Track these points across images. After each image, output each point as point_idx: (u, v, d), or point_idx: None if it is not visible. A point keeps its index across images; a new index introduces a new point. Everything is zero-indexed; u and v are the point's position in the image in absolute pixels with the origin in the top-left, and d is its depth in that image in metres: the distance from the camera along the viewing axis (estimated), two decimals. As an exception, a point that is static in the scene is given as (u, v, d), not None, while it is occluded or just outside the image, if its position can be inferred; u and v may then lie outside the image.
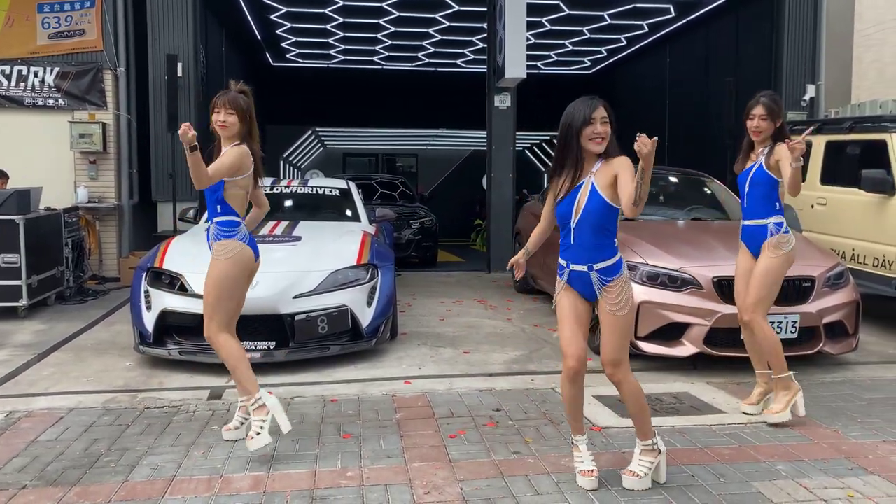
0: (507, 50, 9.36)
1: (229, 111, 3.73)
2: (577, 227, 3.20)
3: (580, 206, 3.18)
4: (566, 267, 3.28)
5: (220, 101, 3.74)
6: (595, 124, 3.15)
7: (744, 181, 4.24)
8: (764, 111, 4.10)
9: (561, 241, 3.30)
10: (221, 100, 3.74)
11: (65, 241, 7.77)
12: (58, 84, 9.15)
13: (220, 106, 3.74)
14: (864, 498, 3.22)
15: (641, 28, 15.02)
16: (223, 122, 3.73)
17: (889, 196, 6.31)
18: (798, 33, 10.39)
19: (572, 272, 3.26)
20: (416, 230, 11.15)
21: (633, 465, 3.35)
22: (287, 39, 16.19)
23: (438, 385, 4.91)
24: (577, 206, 3.18)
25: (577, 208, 3.18)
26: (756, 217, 4.18)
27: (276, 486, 3.33)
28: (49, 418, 4.22)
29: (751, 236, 4.23)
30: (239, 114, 3.75)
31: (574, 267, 3.24)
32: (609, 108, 3.20)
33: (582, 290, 3.27)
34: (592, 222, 3.18)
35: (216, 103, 3.76)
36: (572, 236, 3.23)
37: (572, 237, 3.23)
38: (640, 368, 5.29)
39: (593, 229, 3.18)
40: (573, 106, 3.23)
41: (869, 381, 5.05)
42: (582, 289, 3.27)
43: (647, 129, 2.63)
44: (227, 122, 3.73)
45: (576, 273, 3.25)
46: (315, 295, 5.29)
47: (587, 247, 3.20)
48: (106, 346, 5.93)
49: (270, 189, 7.70)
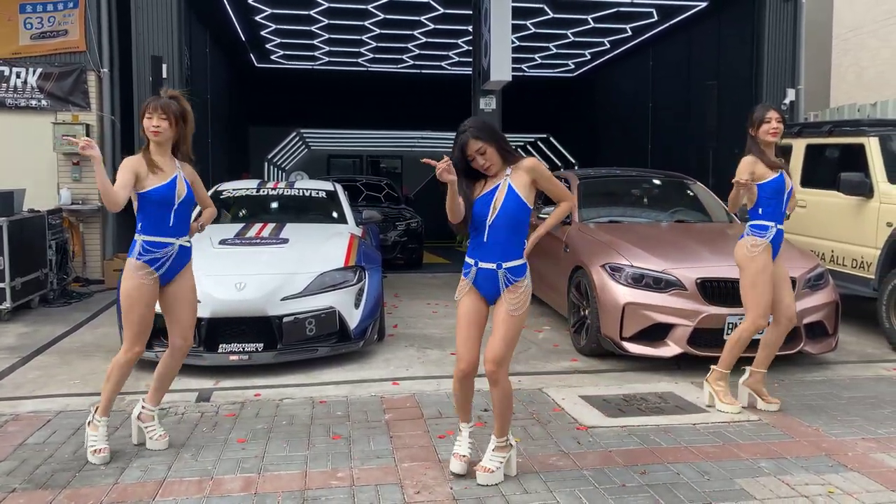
0: (493, 53, 9.41)
1: (162, 116, 3.68)
2: (492, 226, 3.30)
3: (496, 206, 3.29)
4: (473, 266, 3.35)
5: (152, 105, 3.69)
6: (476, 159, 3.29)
7: (782, 185, 4.36)
8: (778, 115, 4.35)
9: (471, 241, 3.39)
10: (153, 104, 3.69)
11: (48, 243, 7.72)
12: (40, 85, 9.08)
13: (152, 111, 3.68)
14: (845, 494, 3.30)
15: (624, 32, 15.16)
16: (156, 127, 3.68)
17: (867, 199, 6.44)
18: (778, 38, 10.55)
19: (480, 270, 3.33)
20: (401, 232, 11.17)
21: (486, 461, 3.44)
22: (272, 40, 16.15)
23: (426, 386, 4.95)
24: (494, 206, 3.29)
25: (493, 208, 3.29)
26: (782, 223, 4.40)
27: (267, 488, 3.35)
28: (36, 421, 4.21)
29: (779, 240, 4.40)
30: (171, 119, 3.71)
31: (482, 265, 3.32)
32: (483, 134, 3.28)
33: (486, 289, 3.35)
34: (508, 222, 3.30)
35: (147, 108, 3.70)
36: (486, 234, 3.31)
37: (486, 235, 3.31)
38: (625, 368, 5.37)
39: (508, 229, 3.30)
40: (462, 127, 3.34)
41: (848, 380, 5.15)
42: (486, 288, 3.35)
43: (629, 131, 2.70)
44: (159, 127, 3.68)
45: (483, 271, 3.33)
46: (303, 297, 5.31)
47: (500, 245, 3.31)
48: (92, 349, 5.90)
49: (257, 191, 7.71)
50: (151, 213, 3.69)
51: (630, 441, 3.93)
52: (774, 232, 4.33)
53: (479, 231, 3.33)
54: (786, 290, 4.44)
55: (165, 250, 3.71)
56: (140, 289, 3.65)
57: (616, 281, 5.38)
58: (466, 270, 3.38)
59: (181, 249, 3.78)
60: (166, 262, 3.71)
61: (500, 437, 3.45)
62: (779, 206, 4.35)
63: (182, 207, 3.76)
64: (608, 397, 4.68)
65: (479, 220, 3.32)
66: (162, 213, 3.70)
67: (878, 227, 6.30)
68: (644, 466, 3.59)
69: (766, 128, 4.34)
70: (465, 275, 3.39)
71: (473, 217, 3.33)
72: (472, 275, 3.35)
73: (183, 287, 3.82)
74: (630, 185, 7.71)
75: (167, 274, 3.75)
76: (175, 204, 3.72)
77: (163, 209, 3.70)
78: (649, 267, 5.36)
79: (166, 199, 3.69)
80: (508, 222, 3.30)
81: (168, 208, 3.70)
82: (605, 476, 3.47)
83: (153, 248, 3.69)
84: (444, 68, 18.69)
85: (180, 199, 3.74)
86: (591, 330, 5.57)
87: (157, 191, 3.68)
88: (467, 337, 3.35)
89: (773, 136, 4.35)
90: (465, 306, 3.37)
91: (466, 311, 3.36)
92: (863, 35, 20.13)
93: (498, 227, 3.30)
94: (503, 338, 3.32)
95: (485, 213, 3.30)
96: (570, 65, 19.20)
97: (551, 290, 6.76)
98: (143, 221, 3.70)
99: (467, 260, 3.39)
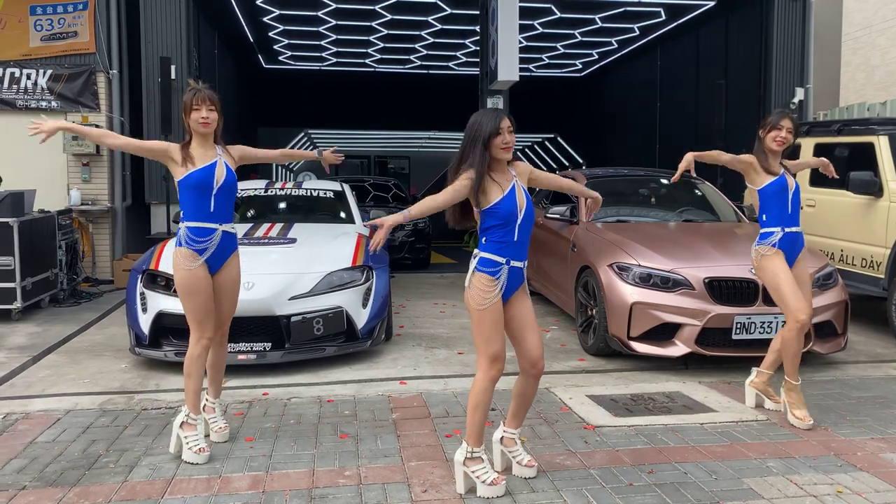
0: (500, 53, 9.41)
1: (210, 107, 3.69)
2: (521, 225, 3.30)
3: (522, 205, 3.30)
4: (504, 265, 3.27)
5: (199, 97, 3.68)
6: (503, 134, 3.28)
7: (784, 187, 4.29)
8: (791, 126, 4.28)
9: (496, 239, 3.28)
10: (200, 97, 3.68)
11: (58, 243, 7.76)
12: (50, 86, 9.15)
13: (200, 102, 3.67)
14: (853, 493, 3.29)
15: (632, 31, 15.13)
16: (205, 118, 3.68)
17: (876, 198, 6.41)
18: (787, 37, 10.51)
19: (512, 268, 3.30)
20: (409, 232, 11.17)
21: (522, 455, 3.48)
22: (280, 42, 16.20)
23: (434, 385, 4.95)
24: (520, 205, 3.29)
25: (520, 207, 3.29)
26: (797, 225, 4.31)
27: (274, 486, 3.36)
28: (46, 420, 4.24)
29: (794, 242, 4.29)
30: (217, 108, 3.73)
31: (515, 263, 3.31)
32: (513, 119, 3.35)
33: (508, 287, 3.32)
34: (530, 220, 3.34)
35: (194, 100, 3.68)
36: (516, 233, 3.30)
37: (516, 234, 3.30)
38: (632, 368, 5.36)
39: (529, 227, 3.35)
40: (480, 116, 3.32)
41: (857, 379, 5.13)
42: (509, 286, 3.32)
43: (637, 130, 2.70)
44: (208, 118, 3.69)
45: (514, 269, 3.31)
46: (310, 296, 5.32)
47: (524, 244, 3.35)
48: (101, 349, 5.94)
49: (265, 192, 7.74)
50: (191, 200, 3.69)
51: (638, 440, 3.92)
52: (780, 236, 4.22)
53: (508, 229, 3.28)
54: (804, 293, 4.29)
55: (210, 237, 3.70)
56: (191, 278, 3.67)
57: (624, 280, 5.37)
58: (496, 269, 3.25)
59: (225, 236, 3.76)
60: (211, 248, 3.71)
61: (518, 428, 3.51)
62: (783, 208, 4.24)
63: (222, 192, 3.72)
64: (616, 397, 4.67)
65: (509, 217, 3.27)
66: (201, 198, 3.68)
67: (887, 227, 6.27)
68: (652, 466, 3.58)
69: (774, 134, 4.26)
70: (494, 275, 3.25)
71: (503, 214, 3.26)
72: (505, 274, 3.27)
73: (226, 278, 3.82)
74: (638, 185, 7.69)
75: (213, 261, 3.75)
76: (214, 188, 3.69)
77: (202, 195, 3.68)
78: (657, 266, 5.35)
79: (204, 183, 3.67)
80: (530, 221, 3.33)
81: (207, 193, 3.68)
82: (612, 475, 3.47)
83: (197, 234, 3.68)
84: (452, 68, 18.71)
85: (219, 183, 3.70)
86: (598, 329, 5.56)
87: (193, 175, 3.66)
88: (502, 337, 3.27)
89: (779, 146, 4.27)
90: (497, 308, 3.27)
91: (497, 311, 3.26)
92: (872, 34, 20.01)
93: (524, 226, 3.31)
94: (538, 331, 3.39)
95: (515, 212, 3.26)
96: (578, 64, 19.18)
97: (558, 289, 6.76)
98: (185, 208, 3.73)
99: (495, 258, 3.25)
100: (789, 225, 4.26)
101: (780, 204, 4.25)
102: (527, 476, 3.43)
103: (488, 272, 3.25)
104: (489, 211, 3.26)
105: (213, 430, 3.92)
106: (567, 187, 3.79)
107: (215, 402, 4.00)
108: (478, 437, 3.30)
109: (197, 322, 3.69)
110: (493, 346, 3.23)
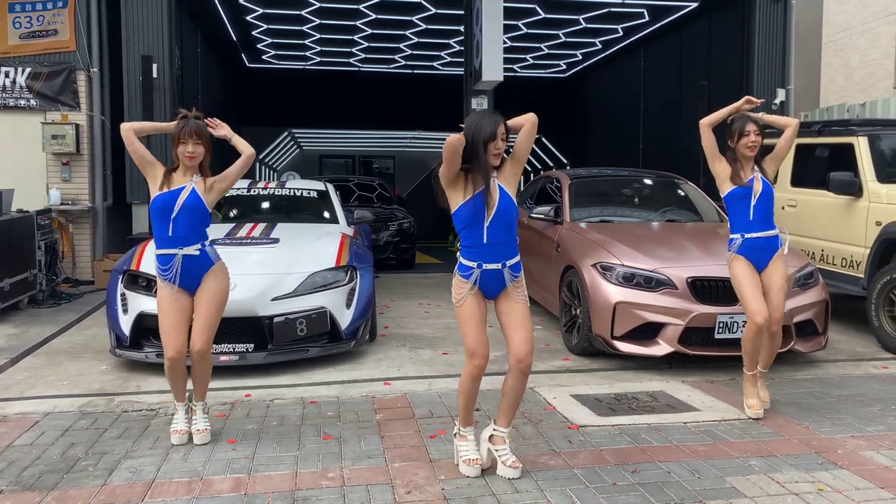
0: (484, 53, 9.41)
1: (197, 142, 3.73)
2: (490, 227, 3.32)
3: (492, 207, 3.30)
4: (476, 268, 3.35)
5: (186, 132, 3.70)
6: (497, 140, 3.30)
7: (749, 194, 4.32)
8: (757, 127, 4.33)
9: (467, 242, 3.36)
10: (187, 131, 3.71)
11: (37, 243, 7.66)
12: (30, 84, 9.02)
13: (187, 137, 3.71)
14: (834, 491, 3.31)
15: (616, 32, 15.19)
16: (191, 153, 3.73)
17: (856, 198, 6.47)
18: (768, 38, 10.60)
19: (484, 272, 3.35)
20: (393, 232, 11.16)
21: (507, 455, 3.49)
22: (263, 41, 16.09)
23: (418, 386, 4.94)
24: (490, 207, 3.30)
25: (489, 208, 3.30)
26: (768, 229, 4.33)
27: (257, 488, 3.33)
28: (24, 423, 4.17)
29: (761, 248, 4.32)
30: (205, 143, 3.77)
31: (487, 266, 3.35)
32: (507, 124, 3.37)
33: (489, 287, 3.38)
34: (505, 221, 3.34)
35: (182, 134, 3.70)
36: (485, 236, 3.32)
37: (485, 237, 3.32)
38: (616, 368, 5.38)
39: (505, 228, 3.35)
40: (478, 118, 3.34)
41: (838, 378, 5.18)
42: (489, 287, 3.38)
43: (621, 131, 2.71)
44: (194, 153, 3.74)
45: (487, 272, 3.35)
46: (293, 297, 5.29)
47: (500, 245, 3.35)
48: (81, 350, 5.86)
49: (248, 191, 7.68)
50: (156, 223, 3.77)
51: (621, 440, 3.94)
52: (741, 242, 4.31)
53: (476, 232, 3.33)
54: (773, 296, 4.32)
55: (170, 263, 3.75)
56: (165, 302, 3.77)
57: (607, 280, 5.39)
58: (467, 273, 3.36)
59: (188, 260, 3.77)
60: (176, 274, 3.75)
61: (507, 427, 3.53)
62: (744, 215, 4.31)
63: (183, 215, 3.74)
64: (599, 396, 4.68)
65: (475, 220, 3.31)
66: (162, 221, 3.75)
67: (867, 227, 6.34)
68: (635, 465, 3.59)
69: (745, 141, 4.32)
70: (465, 277, 3.36)
71: (468, 218, 3.32)
72: (476, 277, 3.35)
73: (204, 291, 3.84)
74: (621, 185, 7.72)
75: (186, 283, 3.79)
76: (174, 212, 3.72)
77: (163, 218, 3.75)
78: (640, 266, 5.37)
79: (165, 205, 3.74)
80: (505, 222, 3.34)
81: (167, 216, 3.74)
82: (596, 475, 3.47)
83: (161, 262, 3.78)
84: (436, 68, 18.68)
85: (178, 207, 3.73)
86: (582, 329, 5.57)
87: (158, 198, 3.75)
88: (480, 333, 3.36)
89: (752, 151, 4.33)
90: (471, 305, 3.36)
91: (473, 310, 3.36)
92: (852, 36, 20.25)
93: (496, 227, 3.32)
94: (529, 329, 3.42)
95: (481, 214, 3.30)
96: (562, 65, 19.23)
97: (543, 289, 6.77)
98: (154, 235, 3.81)
99: (466, 262, 3.36)
100: (750, 231, 4.31)
101: (742, 211, 4.34)
102: (510, 476, 3.43)
103: (461, 275, 3.40)
104: (454, 214, 3.36)
105: (193, 431, 3.91)
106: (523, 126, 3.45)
107: (198, 405, 3.99)
108: (463, 418, 3.51)
109: (162, 336, 3.81)
110: (467, 340, 3.37)
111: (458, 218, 3.35)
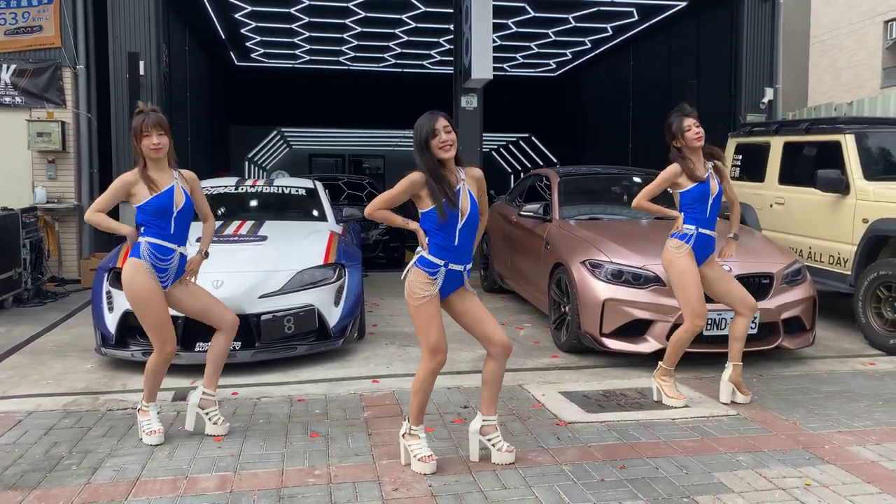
0: (474, 51, 9.40)
1: (160, 133, 3.70)
2: (462, 230, 3.38)
3: (465, 211, 3.36)
4: (442, 266, 3.38)
5: (148, 123, 3.67)
6: (440, 134, 3.34)
7: (706, 193, 4.39)
8: (695, 116, 4.42)
9: (437, 241, 3.38)
10: (149, 122, 3.67)
11: (22, 242, 7.59)
12: (14, 82, 8.93)
13: (150, 128, 3.67)
14: (821, 486, 3.32)
15: (605, 31, 15.24)
16: (156, 144, 3.69)
17: (843, 195, 6.50)
18: (756, 38, 10.65)
19: (449, 271, 3.40)
20: (383, 231, 11.12)
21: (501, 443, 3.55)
22: (252, 39, 16.03)
23: (406, 384, 4.90)
24: (462, 210, 3.36)
25: (462, 211, 3.36)
26: (713, 228, 4.43)
27: (242, 486, 3.30)
28: (7, 421, 4.12)
29: (708, 245, 4.43)
30: (167, 133, 3.74)
31: (453, 266, 3.40)
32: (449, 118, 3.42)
33: (446, 287, 3.43)
34: (472, 225, 3.42)
35: (144, 126, 3.67)
36: (457, 238, 3.38)
37: (457, 239, 3.38)
38: (604, 365, 5.38)
39: (471, 232, 3.43)
40: (419, 121, 3.41)
41: (825, 374, 5.20)
42: (447, 286, 3.43)
43: (610, 129, 2.71)
44: (159, 143, 3.70)
45: (453, 272, 3.41)
46: (281, 295, 5.26)
47: (466, 248, 3.44)
48: (66, 349, 5.81)
49: (235, 189, 7.63)
50: (151, 221, 3.73)
51: (609, 436, 3.93)
52: (695, 235, 4.36)
53: (449, 233, 3.37)
54: (733, 284, 4.48)
55: (171, 256, 3.74)
56: (151, 292, 3.70)
57: (596, 277, 5.39)
58: (433, 270, 3.39)
59: (182, 258, 3.82)
60: (171, 272, 3.76)
61: (495, 415, 3.58)
62: (701, 212, 4.38)
63: (181, 216, 3.78)
64: (588, 393, 4.68)
65: (448, 223, 3.35)
66: (162, 220, 3.73)
67: (854, 224, 6.36)
68: (623, 461, 3.59)
69: (690, 134, 4.38)
70: (432, 274, 3.39)
71: (439, 220, 3.35)
72: (442, 276, 3.39)
73: (189, 285, 3.88)
74: (610, 183, 7.73)
75: (168, 282, 3.81)
76: (174, 212, 3.74)
77: (163, 217, 3.72)
78: (629, 263, 5.37)
79: (163, 207, 3.72)
80: (472, 226, 3.42)
81: (167, 216, 3.73)
82: (584, 471, 3.46)
83: (157, 252, 3.71)
84: (426, 67, 18.67)
85: (178, 208, 3.75)
86: (571, 326, 5.57)
87: (153, 201, 3.70)
88: (442, 331, 3.42)
89: (700, 140, 4.38)
90: (434, 303, 3.41)
91: (432, 307, 3.40)
92: (840, 37, 20.37)
93: (466, 231, 3.40)
94: (495, 320, 3.53)
95: (455, 217, 3.35)
96: (552, 64, 19.26)
97: (532, 286, 6.76)
98: (145, 225, 3.74)
99: (434, 260, 3.38)
100: (704, 227, 4.39)
101: (700, 209, 4.40)
102: (506, 462, 3.50)
103: (426, 270, 3.40)
104: (424, 215, 3.39)
105: (213, 423, 3.92)
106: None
107: (214, 396, 3.98)
108: (416, 417, 3.51)
109: (157, 336, 3.75)
110: (430, 338, 3.38)
111: (429, 218, 3.38)
